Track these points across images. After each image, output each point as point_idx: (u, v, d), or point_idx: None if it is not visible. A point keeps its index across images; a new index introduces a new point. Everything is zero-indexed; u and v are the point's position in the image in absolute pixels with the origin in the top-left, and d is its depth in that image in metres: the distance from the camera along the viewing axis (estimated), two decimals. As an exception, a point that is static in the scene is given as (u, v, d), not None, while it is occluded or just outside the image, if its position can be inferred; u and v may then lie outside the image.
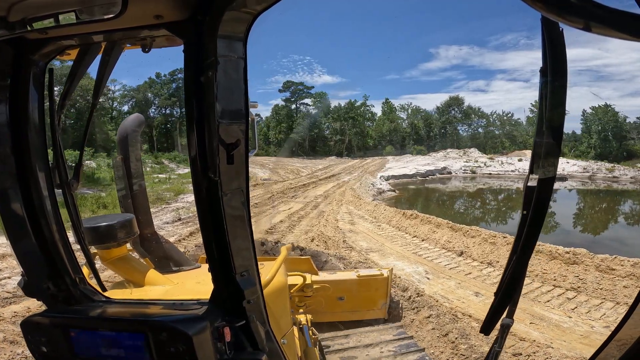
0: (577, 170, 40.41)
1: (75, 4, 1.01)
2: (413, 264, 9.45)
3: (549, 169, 1.07)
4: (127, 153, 2.14)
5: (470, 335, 5.23)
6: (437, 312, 5.79)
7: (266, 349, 1.36)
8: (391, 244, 11.22)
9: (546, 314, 6.60)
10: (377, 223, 13.99)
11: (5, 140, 1.22)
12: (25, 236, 1.32)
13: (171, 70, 67.60)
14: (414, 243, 11.36)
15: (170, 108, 67.15)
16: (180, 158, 44.21)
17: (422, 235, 11.76)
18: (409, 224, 12.83)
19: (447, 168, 42.55)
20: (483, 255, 9.61)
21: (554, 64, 0.98)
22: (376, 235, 12.30)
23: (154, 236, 2.23)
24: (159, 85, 67.46)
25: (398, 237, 11.95)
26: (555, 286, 7.76)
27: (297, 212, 15.73)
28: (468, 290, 7.78)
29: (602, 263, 7.78)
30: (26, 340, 1.30)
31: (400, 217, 13.84)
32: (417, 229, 12.31)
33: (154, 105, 67.39)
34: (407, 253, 10.34)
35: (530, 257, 1.17)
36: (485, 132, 70.64)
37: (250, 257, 1.27)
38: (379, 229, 13.06)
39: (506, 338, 1.27)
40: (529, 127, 68.53)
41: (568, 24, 0.65)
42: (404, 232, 12.48)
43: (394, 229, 12.90)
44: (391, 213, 14.65)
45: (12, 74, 1.20)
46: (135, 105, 64.95)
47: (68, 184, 1.37)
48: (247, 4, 1.02)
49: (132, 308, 1.44)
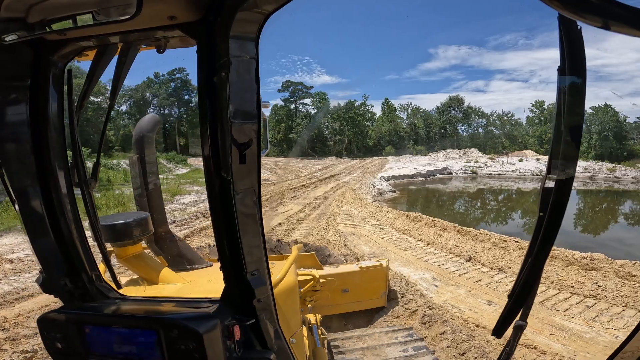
0: (578, 170, 40.42)
1: (92, 5, 1.01)
2: (419, 270, 8.94)
3: (568, 169, 1.05)
4: (143, 152, 2.18)
5: (490, 353, 4.71)
6: (452, 327, 5.27)
7: (275, 348, 1.37)
8: (395, 249, 10.70)
9: (566, 324, 6.17)
10: (380, 226, 13.45)
11: (25, 140, 1.25)
12: (44, 234, 1.34)
13: (169, 70, 67.22)
14: (419, 247, 10.84)
15: (168, 108, 66.64)
16: (179, 158, 43.79)
17: (428, 239, 11.23)
18: (413, 227, 12.29)
19: (448, 168, 42.61)
20: (493, 260, 9.11)
21: (573, 63, 0.96)
22: (379, 239, 11.77)
23: (168, 234, 2.26)
24: (157, 85, 67.04)
25: (402, 241, 11.43)
26: (574, 293, 7.36)
27: (296, 214, 15.18)
28: (479, 298, 7.30)
29: (622, 269, 7.33)
30: (42, 336, 1.32)
31: (404, 219, 13.28)
32: (421, 233, 11.79)
33: (152, 105, 66.89)
34: (413, 258, 9.83)
35: (545, 261, 1.15)
36: (485, 132, 70.29)
37: (261, 256, 1.28)
38: (381, 232, 12.53)
39: (519, 340, 1.26)
40: (529, 127, 68.36)
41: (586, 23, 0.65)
42: (408, 235, 11.96)
43: (398, 232, 12.37)
44: (394, 215, 14.08)
45: (32, 75, 1.21)
46: (133, 105, 64.56)
47: (86, 183, 1.39)
48: (259, 4, 1.03)
49: (145, 305, 1.46)
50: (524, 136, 67.67)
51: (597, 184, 36.00)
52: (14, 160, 1.25)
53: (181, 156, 47.20)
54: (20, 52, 1.17)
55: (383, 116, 72.69)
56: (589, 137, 58.70)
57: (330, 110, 70.44)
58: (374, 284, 5.83)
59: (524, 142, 65.66)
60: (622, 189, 33.25)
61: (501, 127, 70.58)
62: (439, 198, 30.27)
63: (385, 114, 72.77)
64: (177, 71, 66.85)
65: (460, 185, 37.19)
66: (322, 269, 5.06)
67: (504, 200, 29.91)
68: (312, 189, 23.18)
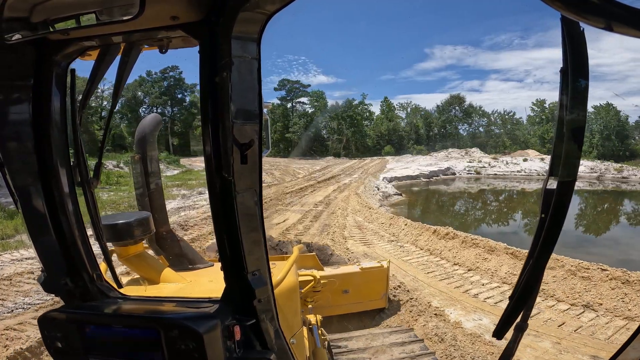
0: (584, 170, 39.93)
1: (95, 5, 1.02)
2: (471, 311, 6.32)
3: (570, 171, 1.04)
4: (145, 152, 2.18)
5: None
6: None
7: (275, 348, 1.36)
8: (426, 277, 8.02)
9: None
10: (398, 242, 10.71)
11: (27, 139, 1.25)
12: (46, 233, 1.34)
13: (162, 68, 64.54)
14: (458, 275, 8.15)
15: (161, 107, 63.84)
16: (171, 159, 41.77)
17: (468, 263, 8.54)
18: (444, 246, 9.55)
19: (451, 169, 41.74)
20: (572, 294, 6.56)
21: (575, 65, 0.96)
22: (400, 261, 9.06)
23: (169, 234, 2.27)
24: (149, 83, 64.34)
25: (432, 265, 8.73)
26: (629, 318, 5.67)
27: (294, 225, 12.56)
28: (577, 353, 5.12)
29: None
30: (42, 335, 1.31)
31: (430, 235, 10.46)
32: (457, 254, 9.08)
33: (144, 104, 64.14)
34: (455, 292, 7.17)
35: (547, 262, 1.15)
36: (486, 131, 68.40)
37: (262, 257, 1.27)
38: (403, 253, 9.79)
39: (519, 342, 1.25)
40: (530, 126, 66.74)
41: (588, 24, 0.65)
42: (438, 257, 9.24)
43: (425, 253, 9.64)
44: (415, 229, 11.27)
45: (35, 74, 1.22)
46: (124, 104, 61.73)
47: (88, 182, 1.40)
48: (261, 4, 1.02)
49: (145, 305, 1.46)
50: (525, 135, 65.85)
51: (604, 185, 34.81)
52: (16, 159, 1.25)
53: (174, 156, 46.09)
54: (23, 52, 1.17)
55: (382, 115, 70.56)
56: (590, 136, 58.34)
57: (328, 109, 68.13)
58: (374, 285, 5.80)
59: (526, 141, 63.87)
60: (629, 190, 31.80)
61: (502, 127, 68.69)
62: (452, 202, 27.74)
63: (385, 113, 70.60)
64: (170, 69, 64.44)
65: (468, 186, 35.69)
66: (323, 270, 5.04)
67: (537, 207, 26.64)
68: (311, 193, 20.58)
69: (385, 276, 5.81)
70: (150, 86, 64.26)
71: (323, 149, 66.45)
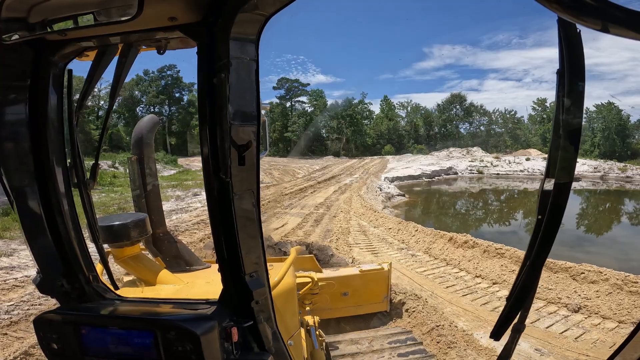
0: (588, 170, 39.11)
1: (93, 6, 1.02)
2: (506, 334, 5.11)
3: (566, 172, 1.04)
4: (142, 153, 2.17)
5: None
6: None
7: (273, 350, 1.36)
8: (445, 291, 6.97)
9: None
10: (409, 250, 9.65)
11: (24, 140, 1.25)
12: (41, 234, 1.33)
13: (159, 67, 63.37)
14: (482, 289, 7.11)
15: (158, 106, 62.70)
16: (168, 159, 40.80)
17: (493, 276, 7.48)
18: (462, 256, 8.48)
19: (453, 168, 41.42)
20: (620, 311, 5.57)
21: (572, 66, 0.95)
22: (413, 272, 8.01)
23: (166, 236, 2.25)
24: (146, 82, 63.23)
25: (451, 277, 7.67)
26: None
27: (294, 231, 11.57)
28: None
29: None
30: (38, 337, 1.30)
31: (445, 243, 9.39)
32: (479, 265, 8.04)
33: (141, 103, 63.02)
34: (483, 311, 6.19)
35: (544, 263, 1.15)
36: (487, 131, 67.52)
37: (260, 258, 1.27)
38: (415, 262, 8.74)
39: (517, 343, 1.24)
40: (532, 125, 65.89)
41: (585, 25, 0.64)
42: (456, 267, 8.19)
43: (440, 263, 8.59)
44: (427, 235, 10.21)
45: (32, 75, 1.21)
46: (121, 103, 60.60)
47: (85, 183, 1.39)
48: (259, 6, 1.02)
49: (142, 306, 1.45)
50: (526, 135, 64.96)
51: (608, 184, 34.24)
52: (12, 159, 1.25)
53: (171, 156, 45.36)
54: (21, 52, 1.17)
55: (382, 114, 69.44)
56: (592, 135, 57.18)
57: (328, 108, 67.09)
58: (375, 288, 5.65)
59: (527, 140, 62.97)
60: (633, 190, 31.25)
61: (504, 126, 67.74)
62: (460, 204, 26.69)
63: (384, 112, 69.43)
64: (167, 68, 63.29)
65: (472, 186, 35.01)
66: (322, 272, 4.93)
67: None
68: (311, 194, 19.56)
69: (386, 279, 5.70)
70: (147, 85, 63.53)
71: (322, 148, 65.85)
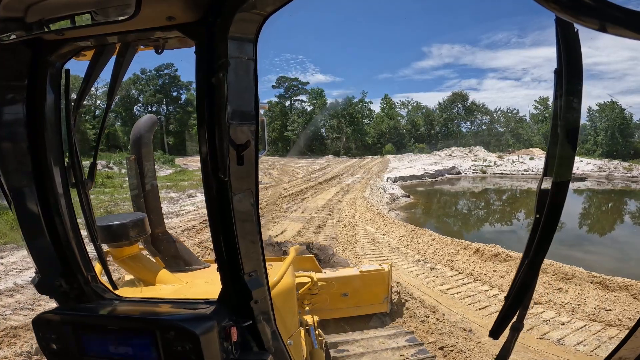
0: (593, 169, 38.38)
1: (90, 6, 1.01)
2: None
3: (564, 172, 1.04)
4: (140, 153, 2.17)
5: None
6: None
7: (272, 350, 1.36)
8: (478, 315, 5.71)
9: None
10: (427, 263, 8.40)
11: (22, 140, 1.24)
12: (39, 234, 1.33)
13: (157, 66, 62.04)
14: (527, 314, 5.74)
15: (156, 105, 61.36)
16: (166, 158, 39.75)
17: (536, 296, 6.21)
18: (492, 270, 7.22)
19: (456, 168, 40.74)
20: None
21: (570, 66, 0.95)
22: (436, 291, 6.75)
23: (165, 235, 2.25)
24: (143, 81, 61.87)
25: (482, 297, 6.43)
26: None
27: (294, 238, 10.40)
28: None
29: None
30: (37, 337, 1.30)
31: (470, 255, 8.10)
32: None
33: (138, 102, 61.69)
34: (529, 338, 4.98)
35: (542, 262, 1.15)
36: (488, 130, 66.31)
37: (259, 258, 1.27)
38: (436, 277, 7.51)
39: (516, 342, 1.25)
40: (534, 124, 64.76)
41: (583, 25, 0.65)
42: (486, 284, 6.95)
43: (467, 279, 7.32)
44: (447, 246, 8.87)
45: (29, 75, 1.21)
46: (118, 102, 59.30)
47: (83, 183, 1.39)
48: (257, 5, 1.01)
49: (141, 306, 1.45)
50: (529, 134, 63.77)
51: (613, 184, 33.45)
52: (10, 160, 1.24)
53: (168, 156, 44.44)
54: (18, 52, 1.16)
55: (382, 113, 68.13)
56: (594, 134, 56.02)
57: (328, 107, 65.88)
58: (375, 288, 5.60)
59: (529, 139, 61.78)
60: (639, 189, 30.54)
61: (506, 125, 66.53)
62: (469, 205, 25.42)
63: (385, 111, 68.13)
64: (165, 67, 62.04)
65: (477, 186, 34.33)
66: (321, 272, 4.89)
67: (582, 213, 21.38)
68: (311, 196, 18.36)
69: (386, 279, 5.65)
70: (144, 84, 62.91)
71: (322, 147, 65.12)
